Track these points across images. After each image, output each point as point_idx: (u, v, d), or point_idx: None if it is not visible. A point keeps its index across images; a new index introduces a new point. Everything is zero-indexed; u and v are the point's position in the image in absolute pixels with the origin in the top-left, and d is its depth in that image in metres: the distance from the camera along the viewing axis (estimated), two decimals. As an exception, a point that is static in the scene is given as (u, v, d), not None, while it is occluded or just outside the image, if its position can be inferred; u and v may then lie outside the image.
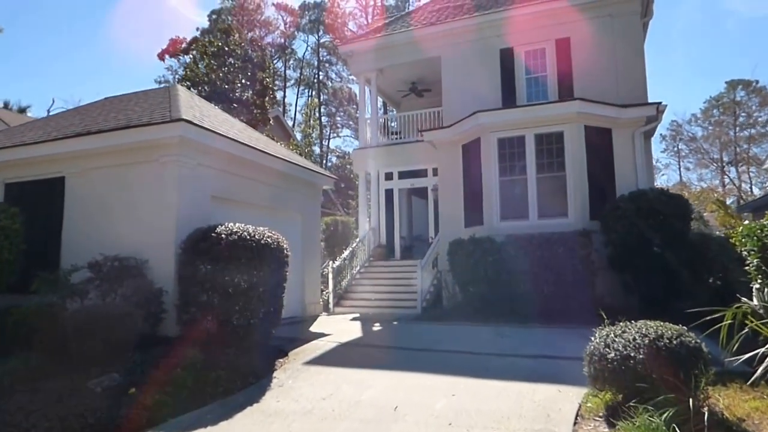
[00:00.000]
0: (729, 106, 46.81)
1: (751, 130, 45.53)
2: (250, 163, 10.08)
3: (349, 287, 14.78)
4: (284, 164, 11.15)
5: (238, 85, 19.49)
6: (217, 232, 7.12)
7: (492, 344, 7.98)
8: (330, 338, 8.69)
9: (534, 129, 11.90)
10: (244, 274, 6.90)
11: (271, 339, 7.54)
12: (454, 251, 11.43)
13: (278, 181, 11.24)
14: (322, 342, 8.32)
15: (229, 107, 18.07)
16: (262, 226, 9.89)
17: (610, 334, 4.88)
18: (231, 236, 7.01)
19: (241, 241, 6.97)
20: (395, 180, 17.13)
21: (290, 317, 11.37)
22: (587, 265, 10.20)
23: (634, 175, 11.82)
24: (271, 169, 10.82)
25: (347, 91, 53.51)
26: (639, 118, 11.90)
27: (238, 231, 7.12)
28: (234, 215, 8.59)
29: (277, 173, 11.08)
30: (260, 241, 7.12)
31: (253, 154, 9.99)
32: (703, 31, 58.87)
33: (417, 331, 9.99)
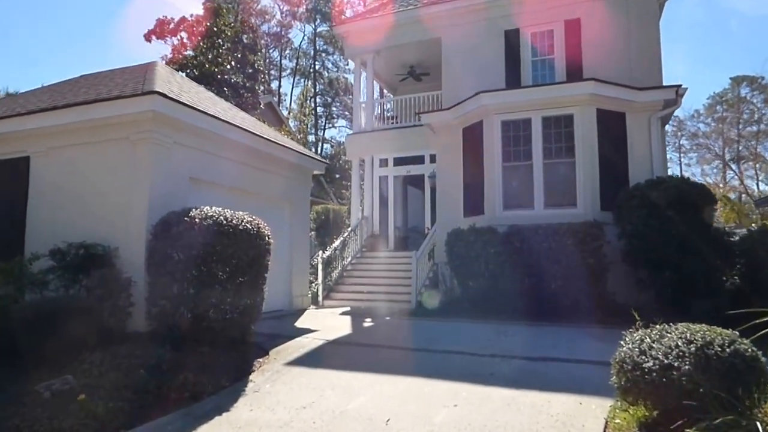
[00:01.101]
0: (733, 102, 46.27)
1: (755, 126, 45.05)
2: (234, 144, 9.24)
3: (339, 279, 14.00)
4: (271, 146, 10.31)
5: (228, 67, 18.54)
6: (191, 216, 6.31)
7: (496, 344, 7.23)
8: (316, 335, 7.91)
9: (541, 111, 11.09)
10: (219, 262, 6.10)
11: (250, 335, 6.76)
12: (452, 242, 10.65)
13: (265, 165, 10.40)
14: (307, 339, 7.53)
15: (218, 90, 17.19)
16: (246, 212, 9.18)
17: (645, 339, 4.10)
18: (205, 221, 6.21)
19: (216, 226, 6.17)
20: (390, 167, 16.31)
21: (275, 311, 10.61)
22: (598, 259, 9.45)
23: (650, 163, 11.03)
24: (258, 152, 9.98)
25: (343, 81, 52.52)
26: (656, 102, 11.10)
27: (213, 215, 6.31)
28: (216, 200, 7.78)
29: (263, 156, 10.24)
30: (238, 227, 6.31)
31: (237, 133, 9.14)
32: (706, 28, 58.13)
33: (412, 328, 9.24)
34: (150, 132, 7.36)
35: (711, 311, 9.27)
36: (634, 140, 11.17)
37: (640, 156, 11.09)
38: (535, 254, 9.61)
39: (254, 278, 6.47)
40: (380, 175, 16.40)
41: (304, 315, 10.65)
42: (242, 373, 5.77)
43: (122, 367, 5.57)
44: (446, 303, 11.46)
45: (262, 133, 10.21)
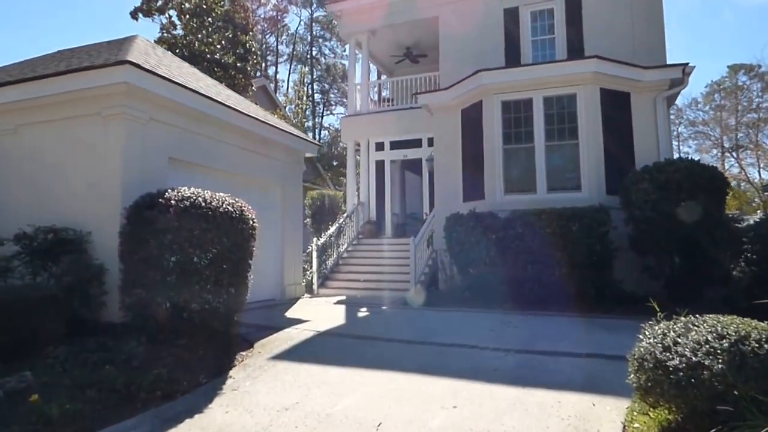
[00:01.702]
0: (731, 90, 46.09)
1: (753, 114, 44.92)
2: (219, 123, 8.70)
3: (335, 267, 13.53)
4: (260, 126, 9.75)
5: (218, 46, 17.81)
6: (166, 197, 5.79)
7: (498, 336, 6.76)
8: (307, 326, 7.44)
9: (543, 91, 10.54)
10: (197, 248, 5.59)
11: (233, 327, 6.27)
12: (451, 228, 10.16)
13: (254, 146, 9.86)
14: (296, 331, 7.05)
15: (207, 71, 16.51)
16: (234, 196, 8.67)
17: (668, 333, 3.61)
18: (182, 203, 5.70)
19: (194, 209, 5.65)
20: (386, 150, 15.77)
21: (266, 300, 10.16)
22: (605, 245, 8.96)
23: (656, 145, 10.52)
24: (246, 131, 9.44)
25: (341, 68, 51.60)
26: (662, 81, 10.56)
27: (191, 196, 5.79)
28: (200, 183, 7.29)
29: (252, 137, 9.70)
30: (218, 209, 5.79)
31: (222, 111, 8.58)
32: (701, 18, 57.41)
33: (409, 318, 8.77)
34: (123, 107, 6.81)
35: (724, 300, 8.87)
36: (639, 121, 10.65)
37: (646, 138, 10.58)
38: (538, 240, 9.11)
39: (237, 265, 5.97)
40: (376, 159, 15.87)
41: (297, 304, 10.18)
42: (222, 369, 5.28)
43: (89, 363, 5.11)
44: (446, 291, 11.02)
45: (250, 112, 9.65)
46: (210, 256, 5.63)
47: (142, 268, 5.82)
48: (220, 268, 5.70)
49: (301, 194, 11.78)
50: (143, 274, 5.81)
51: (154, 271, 5.71)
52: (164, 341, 5.62)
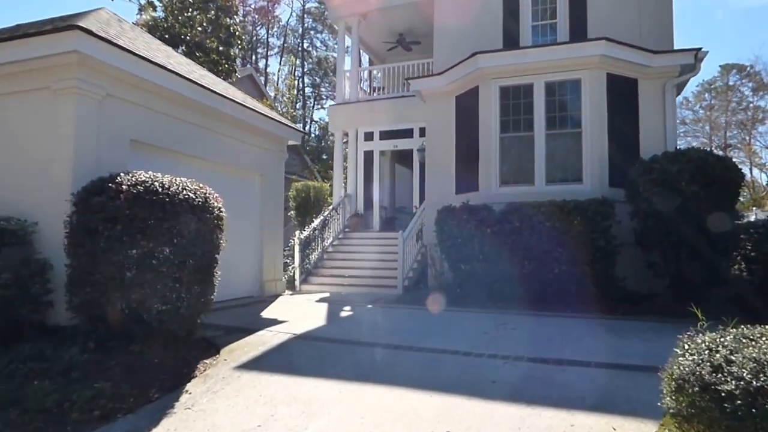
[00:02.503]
0: (722, 90, 46.54)
1: (742, 114, 45.57)
2: (191, 104, 7.92)
3: (319, 262, 12.79)
4: (237, 109, 8.96)
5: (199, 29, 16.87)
6: (117, 182, 5.01)
7: (495, 340, 6.08)
8: (283, 327, 6.69)
9: (545, 76, 9.83)
10: (152, 240, 4.82)
11: (197, 330, 5.50)
12: (443, 221, 9.45)
13: (231, 131, 9.08)
14: (270, 333, 6.30)
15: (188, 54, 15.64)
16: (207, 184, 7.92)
17: (717, 348, 2.93)
18: (135, 188, 4.92)
19: (148, 195, 4.88)
20: (376, 141, 15.02)
21: (242, 297, 9.41)
22: (608, 240, 8.30)
23: (662, 136, 9.86)
24: (222, 115, 8.65)
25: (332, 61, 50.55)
26: (672, 68, 9.87)
27: (146, 181, 5.02)
28: (167, 169, 6.48)
29: (229, 120, 8.91)
30: (177, 196, 5.01)
31: (193, 90, 7.78)
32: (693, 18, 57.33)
33: (396, 318, 8.07)
34: (75, 80, 5.98)
35: (734, 300, 8.27)
36: (646, 110, 9.98)
37: (653, 128, 9.92)
38: (536, 235, 8.44)
39: (201, 260, 5.20)
40: (365, 149, 15.12)
41: (276, 302, 9.43)
42: (180, 380, 4.53)
43: (18, 375, 4.33)
44: (436, 288, 10.33)
45: (227, 94, 8.85)
46: (168, 250, 4.86)
47: (90, 263, 5.03)
48: (180, 263, 4.93)
49: (282, 184, 11.00)
50: (91, 270, 5.02)
51: (103, 267, 4.93)
52: (115, 347, 4.86)
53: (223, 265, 8.96)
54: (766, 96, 44.13)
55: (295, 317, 7.62)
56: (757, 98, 44.87)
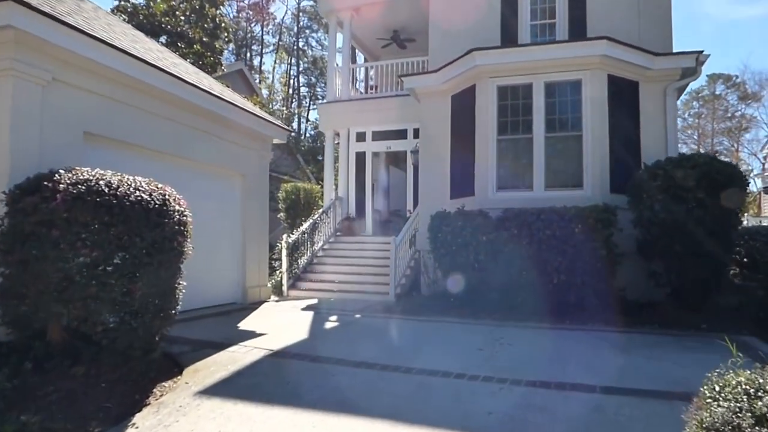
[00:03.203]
0: (709, 99, 47.74)
1: (728, 123, 46.93)
2: (162, 95, 7.37)
3: (308, 266, 12.26)
4: (215, 102, 8.41)
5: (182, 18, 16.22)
6: (55, 180, 4.42)
7: (490, 358, 5.58)
8: (259, 342, 6.17)
9: (545, 76, 9.37)
10: (96, 248, 4.24)
11: (156, 347, 4.94)
12: (436, 227, 8.95)
13: (210, 127, 8.55)
14: (244, 350, 5.77)
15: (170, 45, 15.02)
16: (181, 184, 7.34)
17: (757, 393, 2.43)
18: (75, 187, 4.33)
19: (90, 195, 4.28)
20: (368, 141, 14.50)
21: (223, 304, 8.90)
22: (610, 249, 7.83)
23: (663, 141, 9.43)
24: (198, 108, 8.12)
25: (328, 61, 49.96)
26: (673, 71, 9.45)
27: (89, 179, 4.43)
28: (133, 167, 5.96)
29: (207, 115, 8.39)
30: (127, 198, 4.43)
31: (161, 79, 7.19)
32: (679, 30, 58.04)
33: (385, 330, 7.56)
34: (11, 60, 5.32)
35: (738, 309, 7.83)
36: (647, 114, 9.55)
37: (654, 133, 9.49)
38: (535, 243, 7.96)
39: (159, 271, 4.65)
40: (357, 150, 14.61)
41: (258, 310, 8.89)
42: (129, 409, 3.97)
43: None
44: (429, 297, 9.83)
45: (203, 85, 8.31)
46: (117, 260, 4.31)
47: (22, 272, 4.40)
48: (131, 274, 4.38)
49: (266, 186, 10.47)
50: (24, 281, 4.40)
51: (37, 278, 4.33)
52: (56, 369, 4.29)
53: (202, 270, 8.49)
54: (752, 105, 45.09)
55: (275, 328, 7.09)
56: (743, 107, 45.96)
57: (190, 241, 5.32)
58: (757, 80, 46.46)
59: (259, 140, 10.00)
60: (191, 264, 7.49)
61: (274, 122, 10.48)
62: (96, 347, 4.45)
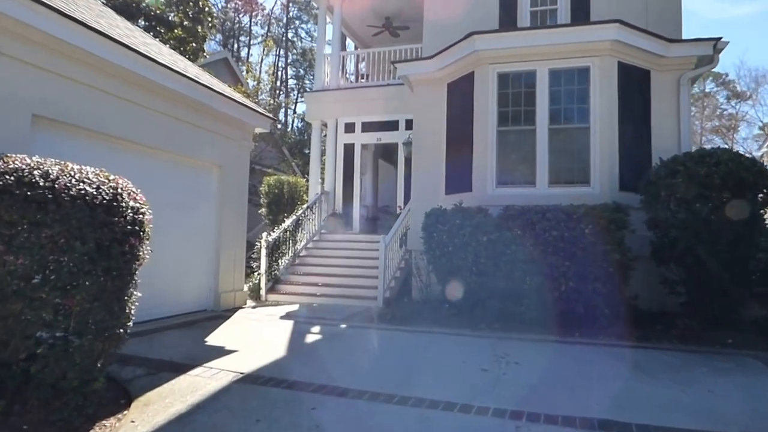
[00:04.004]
0: (698, 97, 48.25)
1: (716, 122, 47.35)
2: (127, 75, 6.50)
3: (290, 267, 11.42)
4: (188, 85, 7.53)
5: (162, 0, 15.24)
6: (-25, 168, 3.57)
7: (497, 382, 4.81)
8: (228, 362, 5.33)
9: (550, 62, 8.60)
10: (22, 253, 3.38)
11: (100, 375, 4.05)
12: (432, 225, 8.17)
13: (183, 113, 7.68)
14: (209, 373, 4.92)
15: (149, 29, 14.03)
16: (148, 176, 6.53)
17: None
18: (2, 178, 3.47)
19: (20, 188, 3.43)
20: (357, 133, 13.67)
21: (192, 312, 8.06)
22: (623, 253, 7.11)
23: (676, 135, 8.74)
24: (169, 92, 7.25)
25: (317, 54, 48.78)
26: (688, 59, 8.74)
27: (21, 168, 3.57)
28: (93, 156, 5.18)
29: (180, 99, 7.51)
30: (67, 191, 3.57)
31: (127, 58, 6.31)
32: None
33: (375, 346, 6.76)
34: None
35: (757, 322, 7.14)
36: (659, 106, 8.84)
37: (666, 126, 8.79)
38: (540, 245, 7.21)
39: (104, 280, 3.78)
40: (345, 142, 13.77)
41: (231, 319, 8.03)
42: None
43: None
44: (421, 304, 9.05)
45: (177, 67, 7.41)
46: (50, 268, 3.46)
47: None
48: (67, 286, 3.53)
49: (246, 179, 9.60)
50: None
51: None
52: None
53: (168, 274, 7.62)
54: (741, 103, 45.22)
55: (248, 343, 6.26)
56: (735, 106, 46.09)
57: (149, 244, 4.45)
58: (753, 77, 46.52)
59: (239, 129, 9.10)
60: (155, 267, 6.63)
61: (256, 109, 9.59)
62: (23, 376, 3.59)
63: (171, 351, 5.61)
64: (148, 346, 5.69)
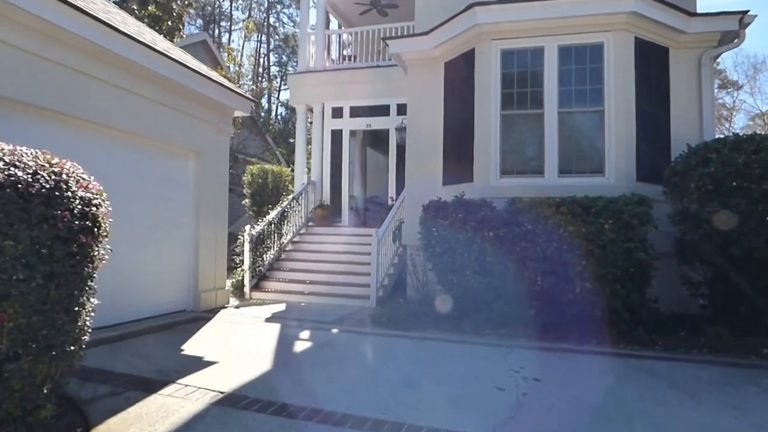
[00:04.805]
0: None
1: None
2: (87, 48, 5.59)
3: (275, 262, 10.60)
4: (161, 62, 6.62)
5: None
6: None
7: (519, 405, 4.07)
8: (207, 377, 4.50)
9: (559, 38, 7.82)
10: None
11: (47, 401, 3.23)
12: (431, 220, 7.39)
13: (154, 92, 6.79)
14: (183, 392, 4.08)
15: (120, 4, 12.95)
16: (115, 163, 5.69)
17: None
18: None
19: None
20: (346, 118, 12.80)
21: (168, 314, 7.25)
22: (647, 251, 6.41)
23: (698, 121, 8.02)
24: (138, 68, 6.36)
25: (299, 39, 47.38)
26: (710, 35, 8.02)
27: None
28: (44, 141, 4.26)
29: (151, 78, 6.62)
30: None
31: (85, 26, 5.41)
32: None
33: (372, 356, 5.97)
34: None
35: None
36: (678, 88, 8.11)
37: (686, 110, 8.07)
38: (554, 242, 6.48)
39: (45, 288, 2.95)
40: (333, 128, 12.89)
41: (212, 322, 7.20)
42: None
43: None
44: (418, 304, 8.30)
45: (146, 39, 6.47)
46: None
47: None
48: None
49: (226, 167, 8.71)
50: None
51: None
52: None
53: (140, 271, 6.76)
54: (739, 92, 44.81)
55: (230, 353, 5.45)
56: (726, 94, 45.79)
57: (107, 241, 3.61)
58: (751, 63, 46.45)
59: (217, 111, 8.19)
60: (125, 265, 5.90)
61: (236, 90, 8.66)
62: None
63: (141, 363, 4.78)
64: (115, 356, 4.90)
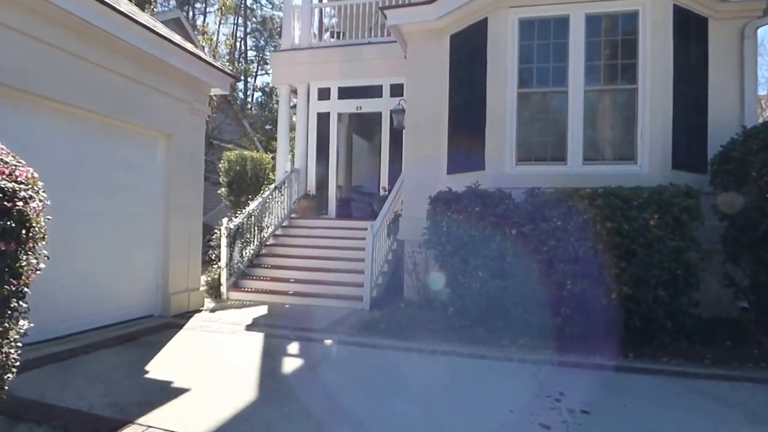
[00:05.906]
0: None
1: None
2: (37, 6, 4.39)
3: (255, 258, 9.47)
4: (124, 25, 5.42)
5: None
6: None
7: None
8: (175, 413, 3.38)
9: (586, 5, 6.83)
10: None
11: None
12: (440, 213, 6.37)
13: (116, 63, 5.61)
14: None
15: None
16: (69, 147, 4.59)
17: None
18: None
19: None
20: (333, 100, 11.66)
21: (133, 320, 6.25)
22: (698, 251, 5.51)
23: (739, 101, 7.14)
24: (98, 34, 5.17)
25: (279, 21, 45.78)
26: (755, 4, 7.11)
27: None
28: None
29: (112, 46, 5.44)
30: None
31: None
32: None
33: (376, 378, 4.89)
34: None
35: None
36: (717, 64, 7.21)
37: (726, 89, 7.17)
38: (588, 240, 5.52)
39: None
40: (319, 111, 11.74)
41: (183, 331, 6.06)
42: None
43: None
44: (418, 307, 7.31)
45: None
46: None
47: None
48: None
49: (201, 151, 7.53)
50: None
51: None
52: None
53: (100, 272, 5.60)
54: None
55: (204, 375, 4.35)
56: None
57: (45, 245, 2.55)
58: None
59: (191, 88, 6.99)
60: (83, 264, 4.84)
61: (212, 63, 7.43)
62: None
63: (93, 391, 3.66)
64: (63, 381, 3.81)
